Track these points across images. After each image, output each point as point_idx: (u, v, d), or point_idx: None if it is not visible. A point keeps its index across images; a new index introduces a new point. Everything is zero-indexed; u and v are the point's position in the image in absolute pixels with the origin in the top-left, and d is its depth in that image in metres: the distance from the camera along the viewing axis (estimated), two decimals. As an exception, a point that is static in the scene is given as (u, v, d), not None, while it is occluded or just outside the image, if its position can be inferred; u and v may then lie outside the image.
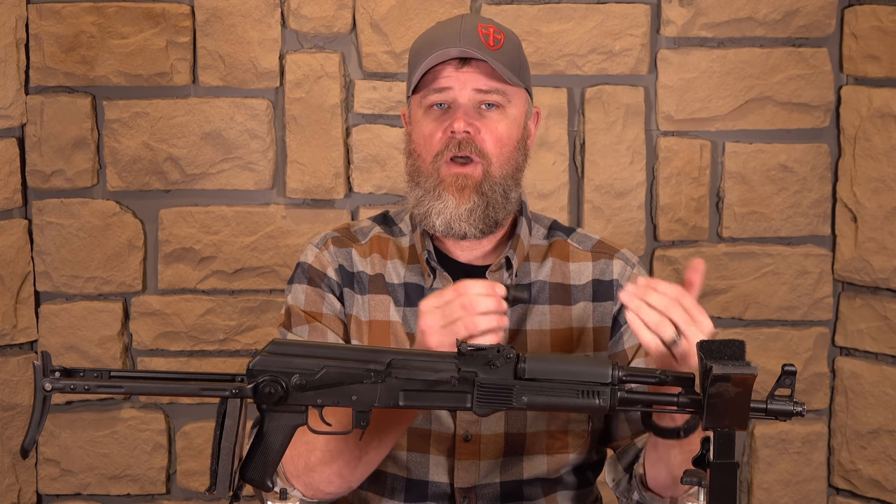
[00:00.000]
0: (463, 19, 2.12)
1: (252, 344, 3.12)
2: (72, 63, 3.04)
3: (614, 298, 2.17)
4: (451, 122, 2.08)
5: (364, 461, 2.01)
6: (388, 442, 2.01)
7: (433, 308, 1.90)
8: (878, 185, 3.07)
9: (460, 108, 2.08)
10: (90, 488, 3.17)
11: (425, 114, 2.11)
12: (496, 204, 2.10)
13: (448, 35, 2.09)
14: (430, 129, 2.10)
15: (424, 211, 2.11)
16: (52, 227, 3.09)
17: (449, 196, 2.08)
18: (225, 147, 3.08)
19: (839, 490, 3.22)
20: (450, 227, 2.09)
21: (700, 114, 3.11)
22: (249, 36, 3.06)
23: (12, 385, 3.10)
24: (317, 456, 2.00)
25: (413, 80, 2.10)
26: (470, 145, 2.08)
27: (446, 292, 1.90)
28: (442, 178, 2.09)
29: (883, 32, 3.03)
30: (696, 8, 3.06)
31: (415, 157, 2.14)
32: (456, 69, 2.08)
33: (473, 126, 2.08)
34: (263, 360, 1.78)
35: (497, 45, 2.09)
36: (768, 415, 1.75)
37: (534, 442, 2.13)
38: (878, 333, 3.11)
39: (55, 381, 1.73)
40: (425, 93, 2.10)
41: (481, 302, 1.87)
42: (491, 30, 2.10)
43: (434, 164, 2.09)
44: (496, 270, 2.15)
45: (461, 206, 2.08)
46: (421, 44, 2.15)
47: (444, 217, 2.09)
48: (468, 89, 2.08)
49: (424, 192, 2.11)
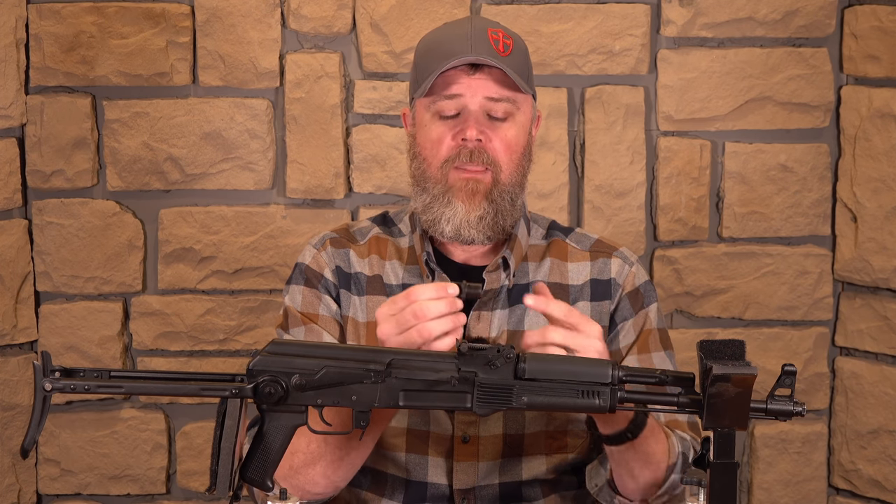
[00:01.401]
0: (472, 23, 2.11)
1: (252, 344, 3.12)
2: (72, 63, 3.04)
3: (612, 297, 2.17)
4: (462, 129, 2.07)
5: (347, 461, 2.01)
6: (368, 442, 2.01)
7: (388, 316, 1.90)
8: (878, 185, 3.07)
9: (471, 115, 2.07)
10: (90, 488, 3.17)
11: (433, 118, 2.10)
12: (504, 211, 2.10)
13: (458, 39, 2.08)
14: (439, 134, 2.09)
15: (433, 217, 2.10)
16: (52, 227, 3.09)
17: (458, 202, 2.08)
18: (225, 147, 3.08)
19: (839, 490, 3.22)
20: (459, 234, 2.09)
21: (700, 114, 3.11)
22: (249, 36, 3.06)
23: (12, 385, 3.10)
24: (299, 458, 2.00)
25: (424, 85, 2.08)
26: (481, 154, 2.07)
27: (398, 299, 1.89)
28: (451, 183, 2.08)
29: (883, 32, 3.03)
30: (696, 8, 3.06)
31: (420, 160, 2.12)
32: (468, 76, 2.07)
33: (485, 134, 2.07)
34: (263, 360, 1.78)
35: (507, 51, 2.08)
36: (768, 415, 1.75)
37: (532, 443, 2.13)
38: (878, 333, 3.11)
39: (55, 381, 1.73)
40: (435, 98, 2.09)
41: (432, 307, 1.86)
42: (500, 34, 2.09)
43: (442, 171, 2.08)
44: (493, 271, 2.14)
45: (471, 212, 2.08)
46: (429, 46, 2.13)
47: (453, 224, 2.08)
48: (479, 97, 2.07)
49: (433, 198, 2.09)
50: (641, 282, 2.18)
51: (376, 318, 1.91)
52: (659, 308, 2.19)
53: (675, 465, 2.01)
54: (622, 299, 2.16)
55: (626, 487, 2.03)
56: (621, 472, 2.01)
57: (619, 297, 2.16)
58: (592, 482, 2.10)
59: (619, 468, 2.01)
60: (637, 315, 2.16)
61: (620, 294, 2.17)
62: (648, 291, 2.18)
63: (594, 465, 2.12)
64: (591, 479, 2.10)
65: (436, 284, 1.89)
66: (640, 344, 2.15)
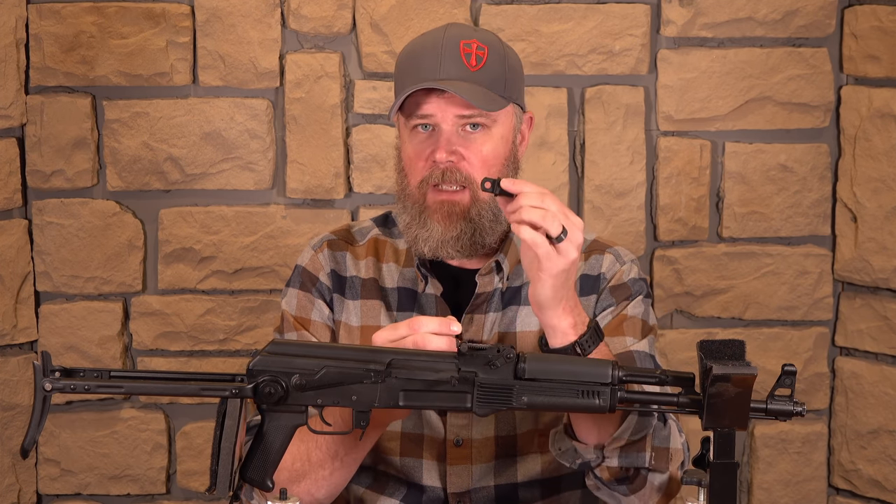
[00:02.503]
0: (445, 34, 2.08)
1: (252, 344, 3.12)
2: (72, 63, 3.04)
3: (598, 291, 2.16)
4: (433, 150, 2.07)
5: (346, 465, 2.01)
6: (366, 444, 2.00)
7: (387, 341, 1.89)
8: (878, 185, 3.06)
9: (442, 134, 2.06)
10: (90, 488, 3.17)
11: (411, 134, 2.10)
12: (483, 229, 2.09)
13: (429, 56, 2.06)
14: (416, 152, 2.09)
15: (412, 238, 2.11)
16: (52, 227, 3.09)
17: (434, 224, 2.07)
18: (225, 147, 3.08)
19: (839, 490, 3.21)
20: (437, 253, 2.09)
21: (700, 114, 3.11)
22: (249, 36, 3.06)
23: (12, 385, 3.10)
24: (284, 476, 1.99)
25: (395, 106, 2.07)
26: (454, 174, 2.06)
27: (401, 327, 1.88)
28: (427, 204, 2.08)
29: (883, 32, 3.03)
30: (696, 8, 3.06)
31: (402, 175, 2.13)
32: (437, 95, 2.06)
33: (457, 153, 2.06)
34: (263, 360, 1.78)
35: (480, 64, 2.07)
36: (768, 415, 1.75)
37: (525, 442, 2.13)
38: (878, 333, 3.11)
39: (55, 381, 1.73)
40: (409, 117, 2.09)
41: (433, 341, 1.86)
42: (474, 46, 2.07)
43: (420, 190, 2.08)
44: (486, 274, 2.14)
45: (447, 233, 2.07)
46: (404, 61, 2.12)
47: (430, 245, 2.09)
48: (450, 115, 2.06)
49: (411, 218, 2.10)
50: (630, 278, 2.16)
51: (373, 341, 1.90)
52: (648, 303, 2.16)
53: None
54: (605, 291, 2.15)
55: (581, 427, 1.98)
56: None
57: (603, 290, 2.15)
58: (556, 445, 2.04)
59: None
60: (618, 305, 2.14)
61: (605, 287, 2.15)
62: (637, 286, 2.16)
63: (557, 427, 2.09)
64: (555, 441, 2.05)
65: (439, 319, 1.88)
66: (613, 327, 2.11)
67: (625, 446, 1.97)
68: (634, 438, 1.97)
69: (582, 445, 1.99)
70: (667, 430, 2.02)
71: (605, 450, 1.97)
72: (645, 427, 1.97)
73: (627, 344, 2.10)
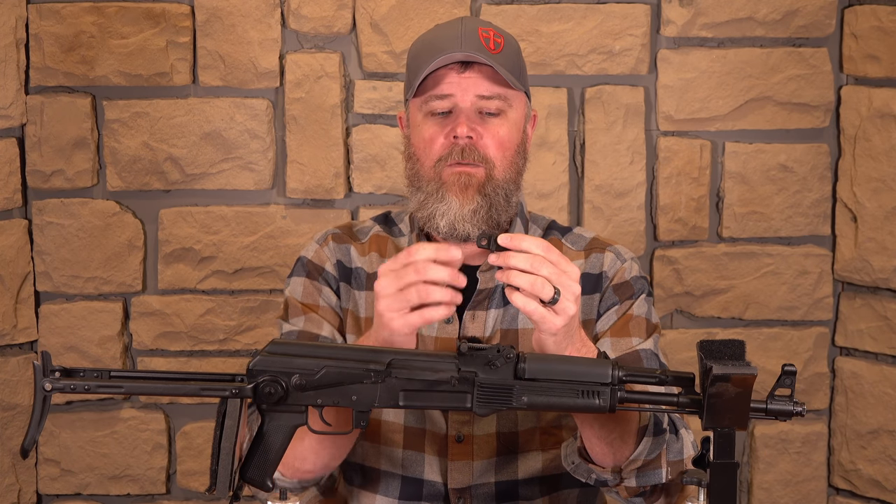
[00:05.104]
0: (462, 22, 2.11)
1: (252, 344, 3.13)
2: (72, 63, 3.04)
3: (601, 290, 2.16)
4: (453, 127, 2.07)
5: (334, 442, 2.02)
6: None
7: (388, 271, 1.86)
8: (878, 185, 3.07)
9: (462, 112, 2.08)
10: (90, 488, 3.17)
11: (426, 118, 2.10)
12: (499, 206, 2.09)
13: (449, 38, 2.08)
14: (432, 133, 2.09)
15: (428, 213, 2.10)
16: (52, 227, 3.10)
17: (452, 196, 2.08)
18: (225, 147, 3.08)
19: (839, 490, 3.22)
20: (454, 228, 2.08)
21: (700, 114, 3.11)
22: (249, 36, 3.06)
23: (12, 385, 3.10)
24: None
25: (414, 84, 2.09)
26: (473, 152, 2.07)
27: (400, 255, 1.86)
28: (444, 180, 2.08)
29: (883, 32, 3.03)
30: (696, 8, 3.07)
31: (414, 160, 2.13)
32: (458, 74, 2.07)
33: (476, 131, 2.08)
34: (263, 360, 1.78)
35: (498, 49, 2.09)
36: (768, 415, 1.75)
37: (527, 440, 2.13)
38: (878, 333, 3.11)
39: (55, 381, 1.73)
40: (426, 98, 2.09)
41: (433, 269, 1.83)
42: (491, 33, 2.10)
43: (436, 169, 2.09)
44: (487, 270, 2.15)
45: (465, 206, 2.07)
46: (421, 47, 2.14)
47: (448, 218, 2.08)
48: (470, 95, 2.07)
49: (427, 195, 2.10)
50: (632, 276, 2.16)
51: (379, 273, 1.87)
52: (650, 301, 2.17)
53: (647, 428, 1.98)
54: (608, 290, 2.15)
55: (596, 452, 1.98)
56: (589, 434, 1.96)
57: (606, 289, 2.16)
58: (568, 459, 2.05)
59: (587, 430, 1.96)
60: (622, 304, 2.14)
61: (608, 285, 2.16)
62: (639, 285, 2.16)
63: (569, 440, 2.09)
64: (567, 456, 2.06)
65: (437, 245, 1.86)
66: (619, 327, 2.12)
67: (641, 467, 1.99)
68: (650, 458, 1.98)
69: (599, 468, 2.00)
70: (679, 443, 2.03)
71: (623, 472, 1.99)
72: (659, 445, 1.98)
73: (633, 344, 2.11)
